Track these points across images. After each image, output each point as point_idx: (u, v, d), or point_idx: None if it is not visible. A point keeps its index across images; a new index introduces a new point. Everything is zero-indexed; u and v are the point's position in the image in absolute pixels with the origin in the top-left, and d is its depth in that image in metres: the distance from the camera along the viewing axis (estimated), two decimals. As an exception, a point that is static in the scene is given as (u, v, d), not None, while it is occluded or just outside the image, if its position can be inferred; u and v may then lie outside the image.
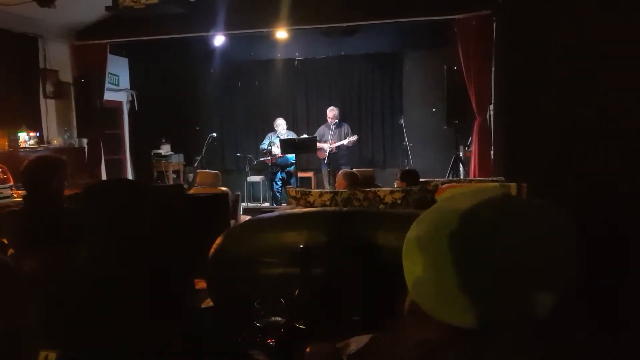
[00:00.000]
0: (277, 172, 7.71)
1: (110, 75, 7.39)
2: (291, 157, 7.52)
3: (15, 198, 4.61)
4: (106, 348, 1.00)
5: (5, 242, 2.48)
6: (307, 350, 1.03)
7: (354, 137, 7.41)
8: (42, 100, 6.57)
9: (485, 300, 0.57)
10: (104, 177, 7.19)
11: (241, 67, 8.66)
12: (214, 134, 8.01)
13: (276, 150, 7.50)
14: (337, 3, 6.19)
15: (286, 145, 7.22)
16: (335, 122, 7.48)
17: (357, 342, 1.01)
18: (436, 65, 7.12)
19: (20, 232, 2.42)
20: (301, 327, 1.21)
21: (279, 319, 1.23)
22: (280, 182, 7.73)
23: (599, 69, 2.72)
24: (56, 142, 6.57)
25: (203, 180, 5.28)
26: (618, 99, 2.51)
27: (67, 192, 2.64)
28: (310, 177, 8.20)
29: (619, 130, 2.50)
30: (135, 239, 1.15)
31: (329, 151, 7.34)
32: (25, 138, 5.92)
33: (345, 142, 7.38)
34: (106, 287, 1.09)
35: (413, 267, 0.64)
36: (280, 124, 7.73)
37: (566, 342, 0.62)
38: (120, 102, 8.12)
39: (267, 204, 7.94)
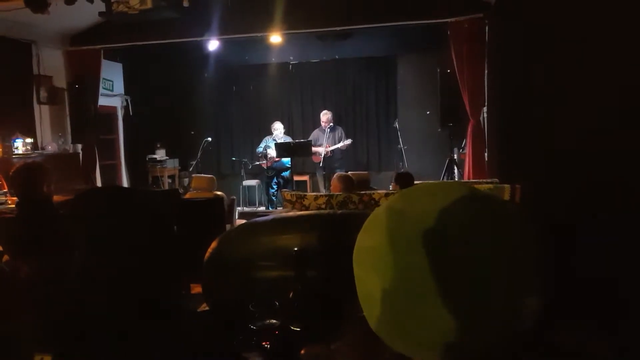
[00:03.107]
0: (273, 176, 7.71)
1: (104, 80, 7.39)
2: (287, 161, 7.53)
3: (10, 204, 4.60)
4: (101, 351, 1.01)
5: (0, 248, 2.47)
6: (302, 352, 1.04)
7: (348, 141, 7.43)
8: (36, 106, 6.55)
9: (466, 310, 0.53)
10: (99, 182, 7.17)
11: (236, 72, 8.67)
12: (209, 139, 8.01)
13: (272, 152, 7.50)
14: (330, 7, 6.21)
15: (281, 148, 7.23)
16: (330, 126, 7.50)
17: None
18: (430, 68, 7.16)
19: (14, 239, 2.41)
20: (296, 329, 1.22)
21: (274, 321, 1.24)
22: (276, 186, 7.73)
23: (593, 70, 2.74)
24: (50, 147, 6.55)
25: (198, 185, 5.28)
26: (614, 99, 2.53)
27: (60, 198, 2.65)
28: (305, 181, 8.21)
29: (614, 132, 2.52)
30: (129, 244, 1.16)
31: (324, 155, 7.36)
32: (19, 144, 5.90)
33: (339, 145, 7.40)
34: (100, 292, 1.10)
35: (376, 280, 0.58)
36: (278, 127, 7.74)
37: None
38: (114, 108, 8.11)
39: (262, 208, 7.95)
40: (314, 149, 7.34)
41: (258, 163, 7.83)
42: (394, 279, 0.57)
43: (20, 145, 5.90)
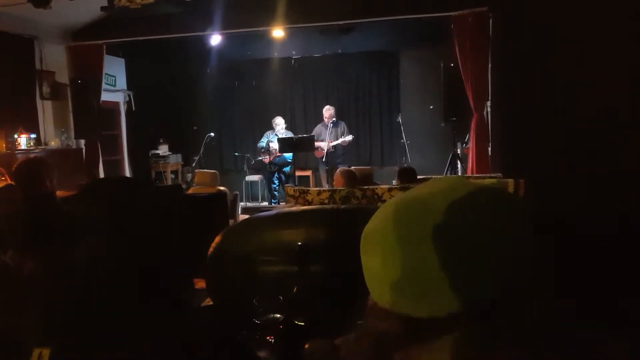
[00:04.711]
0: (275, 171, 7.71)
1: (107, 75, 7.38)
2: (288, 156, 7.52)
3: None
4: (104, 347, 1.01)
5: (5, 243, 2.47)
6: (306, 346, 1.04)
7: (349, 137, 7.41)
8: (38, 102, 6.55)
9: (465, 282, 0.57)
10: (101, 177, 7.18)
11: (238, 67, 8.65)
12: (212, 134, 8.01)
13: (274, 146, 7.49)
14: (333, 1, 6.18)
15: (284, 143, 7.22)
16: (333, 121, 7.49)
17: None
18: (433, 62, 7.12)
19: (17, 234, 2.42)
20: (300, 324, 1.21)
21: (277, 316, 1.24)
22: (277, 181, 7.73)
23: (596, 64, 2.73)
24: (53, 143, 6.56)
25: (201, 180, 5.28)
26: (616, 94, 2.52)
27: (63, 193, 2.65)
28: (308, 176, 8.21)
29: (616, 126, 2.51)
30: (134, 237, 1.15)
31: (326, 150, 7.35)
32: (22, 140, 5.91)
33: (339, 141, 7.39)
34: (104, 287, 1.10)
35: (380, 263, 0.62)
36: (279, 123, 7.73)
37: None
38: (117, 103, 8.11)
39: (265, 203, 7.95)
40: (316, 144, 7.33)
41: (260, 158, 7.82)
42: (398, 257, 0.60)
43: (23, 141, 5.91)
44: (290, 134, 7.71)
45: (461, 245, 0.57)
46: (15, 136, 5.86)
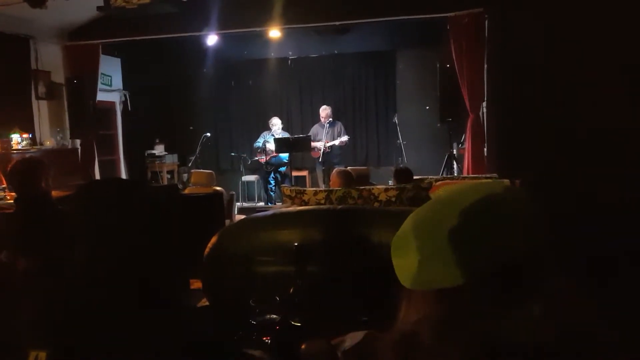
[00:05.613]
0: (271, 171, 7.70)
1: (102, 75, 7.36)
2: (284, 156, 7.52)
3: (9, 200, 4.59)
4: (99, 347, 1.00)
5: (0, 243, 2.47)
6: (303, 347, 1.04)
7: (344, 138, 7.41)
8: (34, 102, 6.53)
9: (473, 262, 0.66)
10: (97, 178, 7.16)
11: (234, 67, 8.64)
12: (208, 134, 8.00)
13: (270, 147, 7.49)
14: (329, 2, 6.19)
15: (281, 144, 7.22)
16: (329, 121, 7.49)
17: (351, 339, 1.02)
18: (429, 63, 7.14)
19: (13, 234, 2.41)
20: (296, 324, 1.22)
21: (274, 316, 1.24)
22: (274, 181, 7.73)
23: (592, 65, 2.74)
24: (49, 143, 6.53)
25: (197, 180, 5.28)
26: (611, 96, 2.53)
27: (59, 193, 2.64)
28: (305, 176, 8.21)
29: (611, 127, 2.52)
30: (130, 238, 1.15)
31: (323, 150, 7.35)
32: (18, 140, 5.88)
33: (336, 142, 7.39)
34: (100, 287, 1.09)
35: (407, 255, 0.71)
36: (276, 123, 7.72)
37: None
38: (113, 103, 8.09)
39: (261, 204, 7.95)
40: (312, 144, 7.33)
41: (257, 158, 7.82)
42: (415, 247, 0.70)
43: (19, 141, 5.88)
44: (286, 134, 7.70)
45: (472, 242, 0.67)
46: (11, 136, 5.84)
